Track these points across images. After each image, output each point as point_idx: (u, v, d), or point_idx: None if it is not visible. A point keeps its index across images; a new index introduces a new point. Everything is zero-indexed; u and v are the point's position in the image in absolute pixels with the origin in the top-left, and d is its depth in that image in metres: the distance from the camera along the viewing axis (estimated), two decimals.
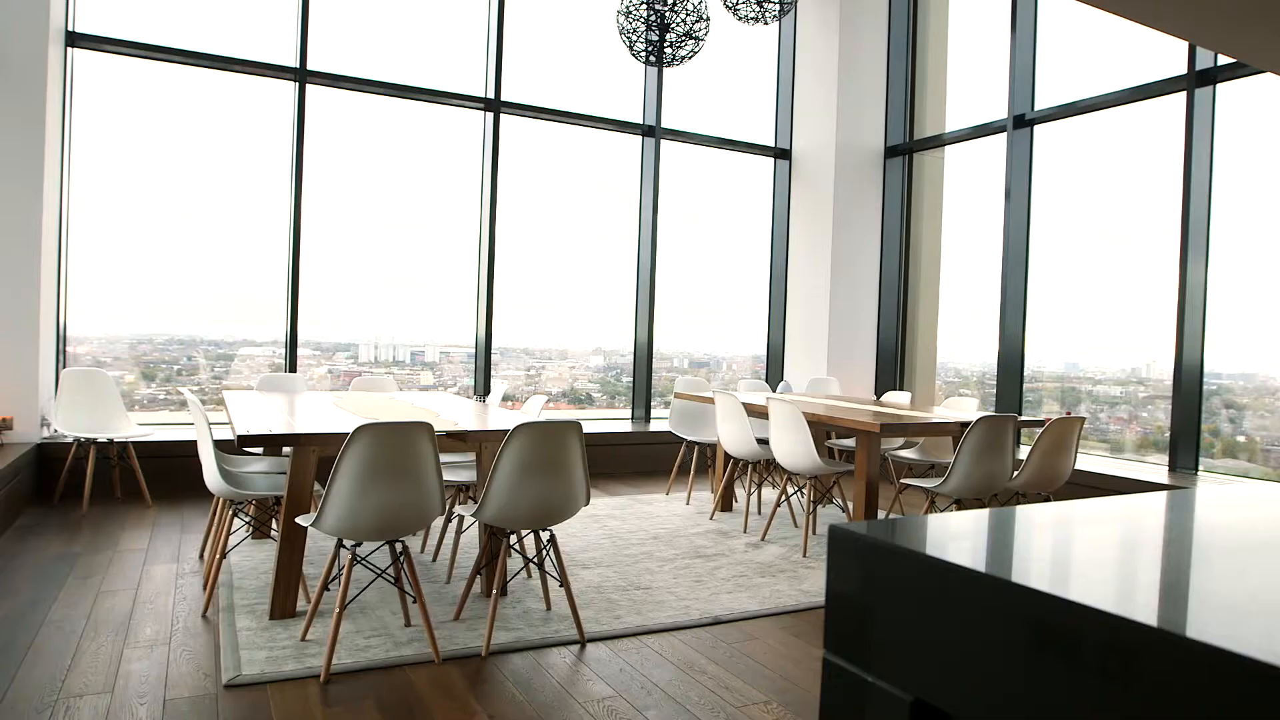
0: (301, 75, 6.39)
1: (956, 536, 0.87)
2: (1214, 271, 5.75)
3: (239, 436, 3.23)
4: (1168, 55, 5.96)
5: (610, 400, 8.03)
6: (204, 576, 3.92)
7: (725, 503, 5.69)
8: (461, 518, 4.20)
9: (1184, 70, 5.87)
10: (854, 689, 0.78)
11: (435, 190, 7.21)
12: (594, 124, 7.62)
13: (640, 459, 7.26)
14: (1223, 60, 5.66)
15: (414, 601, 3.42)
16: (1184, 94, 5.87)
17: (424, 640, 3.22)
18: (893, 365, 8.18)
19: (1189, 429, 5.83)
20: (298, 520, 3.19)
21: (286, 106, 6.45)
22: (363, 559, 3.28)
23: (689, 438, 6.08)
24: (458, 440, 3.56)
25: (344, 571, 3.04)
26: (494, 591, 3.28)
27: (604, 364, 8.10)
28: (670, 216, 8.04)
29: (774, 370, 8.43)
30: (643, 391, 7.83)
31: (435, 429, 3.37)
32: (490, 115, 7.14)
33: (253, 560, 4.17)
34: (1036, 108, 6.93)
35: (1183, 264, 5.84)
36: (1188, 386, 5.82)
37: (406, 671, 3.02)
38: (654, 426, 7.43)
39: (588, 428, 7.20)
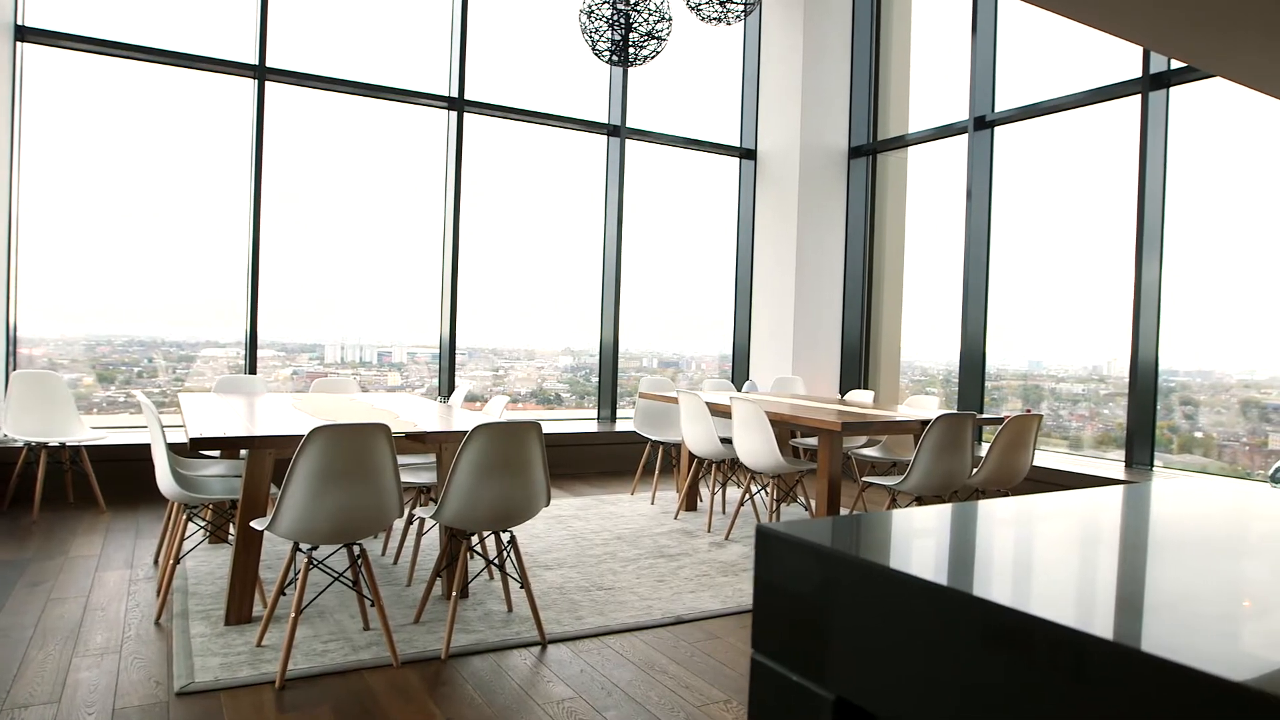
0: (261, 73, 6.30)
1: (875, 534, 0.87)
2: (1170, 271, 5.86)
3: (191, 439, 3.17)
4: (1124, 59, 6.07)
5: (579, 400, 8.02)
6: (158, 582, 3.85)
7: (690, 502, 5.70)
8: (422, 520, 4.17)
9: (1139, 74, 5.98)
10: (780, 688, 0.79)
11: (399, 190, 7.14)
12: (559, 123, 7.59)
13: (606, 459, 7.25)
14: (1175, 64, 5.77)
15: (372, 605, 3.38)
16: (1139, 97, 5.98)
17: (383, 644, 3.19)
18: (857, 364, 8.24)
19: (1144, 426, 5.94)
20: (252, 524, 3.14)
21: (246, 104, 6.36)
22: (320, 562, 3.24)
23: (654, 438, 6.08)
24: (417, 441, 3.53)
25: (300, 575, 3.00)
26: (453, 594, 3.25)
27: (573, 364, 8.09)
28: (637, 217, 8.03)
29: (740, 369, 8.47)
30: (608, 392, 7.82)
31: (393, 430, 3.34)
32: (454, 114, 7.09)
33: (209, 565, 4.10)
34: (997, 109, 7.02)
35: (1137, 263, 5.95)
36: (1143, 384, 5.93)
37: (364, 676, 2.98)
38: (620, 426, 7.42)
39: (554, 428, 7.24)
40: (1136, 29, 3.58)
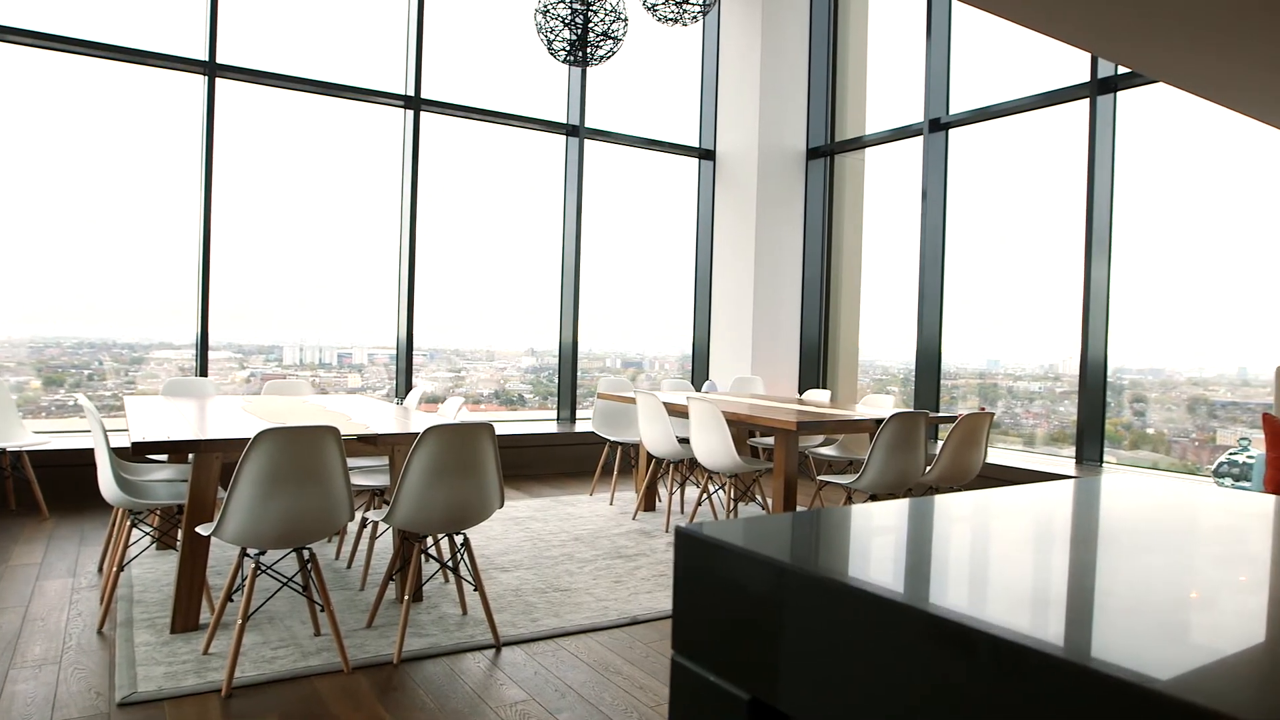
0: (211, 69, 6.18)
1: (787, 534, 0.87)
2: (1120, 271, 5.99)
3: (134, 443, 3.10)
4: (1074, 63, 6.18)
5: (543, 401, 7.99)
6: (101, 590, 3.75)
7: (648, 502, 5.70)
8: (376, 523, 4.12)
9: (1088, 78, 6.10)
10: (697, 689, 0.79)
11: (357, 189, 7.06)
12: (517, 123, 7.56)
13: (565, 460, 7.23)
14: (1123, 70, 5.90)
15: (322, 610, 3.33)
16: (1087, 101, 6.10)
17: (334, 649, 3.14)
18: (816, 363, 8.31)
19: (1094, 423, 6.06)
20: (198, 529, 3.08)
21: (196, 101, 6.24)
22: (268, 568, 3.19)
23: (612, 438, 6.08)
24: (369, 444, 3.49)
25: (247, 581, 2.94)
26: (405, 598, 3.21)
27: (536, 365, 8.05)
28: (597, 217, 8.02)
29: (700, 369, 8.49)
30: (568, 392, 7.79)
31: (344, 432, 3.30)
32: (411, 113, 7.02)
33: (155, 572, 4.01)
34: (951, 112, 7.12)
35: (1087, 264, 6.06)
36: (1092, 382, 6.05)
37: (314, 682, 2.94)
38: (580, 427, 7.40)
39: (515, 429, 7.20)
40: (1080, 34, 3.65)
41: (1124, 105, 5.99)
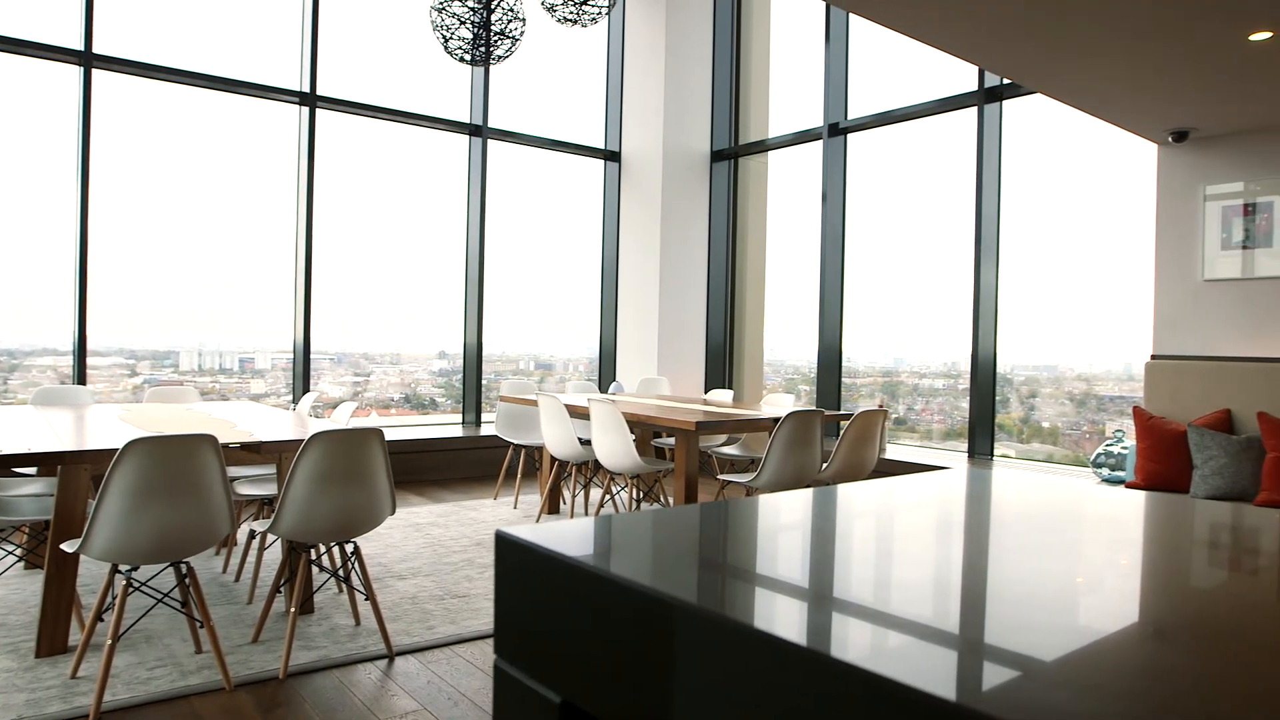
0: (87, 59, 5.87)
1: (591, 537, 0.87)
2: (1014, 272, 6.24)
3: None
4: (966, 72, 6.41)
5: (455, 405, 7.86)
6: None
7: (552, 505, 5.67)
8: (264, 534, 3.97)
9: (976, 86, 6.34)
10: (517, 692, 0.78)
11: (253, 188, 6.80)
12: (418, 122, 7.42)
13: (470, 464, 7.13)
14: (1008, 80, 6.15)
15: (202, 626, 3.20)
16: (975, 109, 6.34)
17: (215, 667, 3.02)
18: (722, 363, 8.41)
19: (985, 418, 6.31)
20: (63, 546, 2.91)
21: (71, 93, 5.92)
22: (143, 584, 3.05)
23: (515, 441, 6.02)
24: (252, 452, 3.36)
25: (118, 599, 2.80)
26: (293, 610, 3.11)
27: (448, 368, 7.92)
28: (504, 218, 7.94)
29: (607, 370, 8.49)
30: (473, 395, 7.69)
31: (227, 440, 3.17)
32: (306, 110, 6.81)
33: (22, 593, 3.78)
34: (850, 117, 7.30)
35: (976, 266, 6.31)
36: (982, 380, 6.29)
37: (192, 702, 2.82)
38: (485, 431, 7.31)
39: (420, 434, 7.05)
40: (963, 47, 3.79)
41: (1009, 113, 6.25)
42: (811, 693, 0.55)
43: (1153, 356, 5.20)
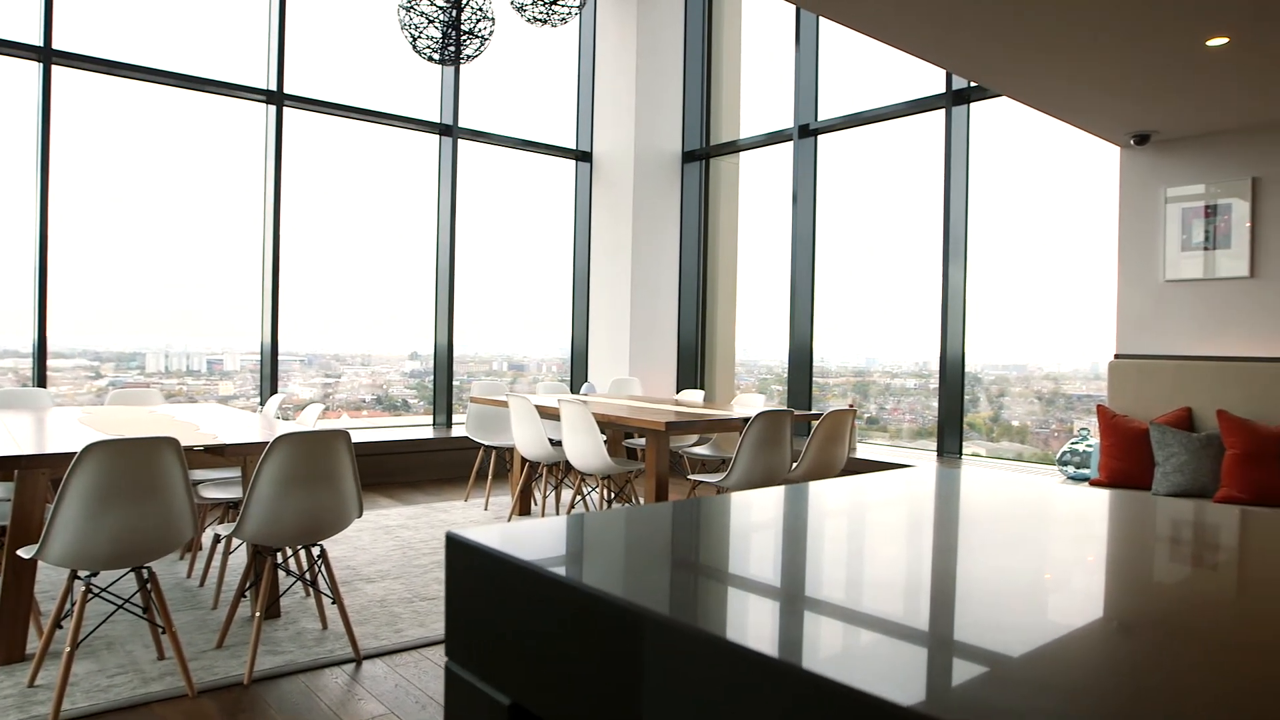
0: (47, 56, 5.76)
1: (539, 539, 0.87)
2: (984, 273, 6.31)
3: None
4: (934, 74, 6.47)
5: (428, 406, 7.80)
6: None
7: (523, 506, 5.65)
8: (230, 538, 3.92)
9: (944, 89, 6.40)
10: (467, 694, 0.78)
11: (220, 188, 6.71)
12: (388, 121, 7.36)
13: (441, 466, 7.09)
14: (974, 83, 6.22)
15: (163, 632, 3.15)
16: (943, 111, 6.40)
17: (178, 673, 2.97)
18: (693, 364, 8.43)
19: (953, 417, 6.37)
20: (19, 552, 2.85)
21: (30, 90, 5.80)
22: (103, 590, 3.00)
23: (486, 442, 5.99)
24: (216, 455, 3.32)
25: (77, 605, 2.75)
26: (258, 614, 3.07)
27: (420, 369, 7.86)
28: (476, 218, 7.90)
29: (579, 371, 8.48)
30: (444, 396, 7.64)
31: (190, 443, 3.13)
32: (273, 108, 6.73)
33: None
34: (820, 118, 7.34)
35: (945, 267, 6.37)
36: (951, 379, 6.35)
37: (154, 709, 2.77)
38: (456, 432, 7.27)
39: (390, 435, 7.00)
40: (928, 49, 3.83)
41: (977, 116, 6.32)
42: (760, 693, 0.55)
43: (1116, 356, 5.28)
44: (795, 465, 4.70)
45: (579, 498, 5.15)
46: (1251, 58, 3.60)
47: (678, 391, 8.25)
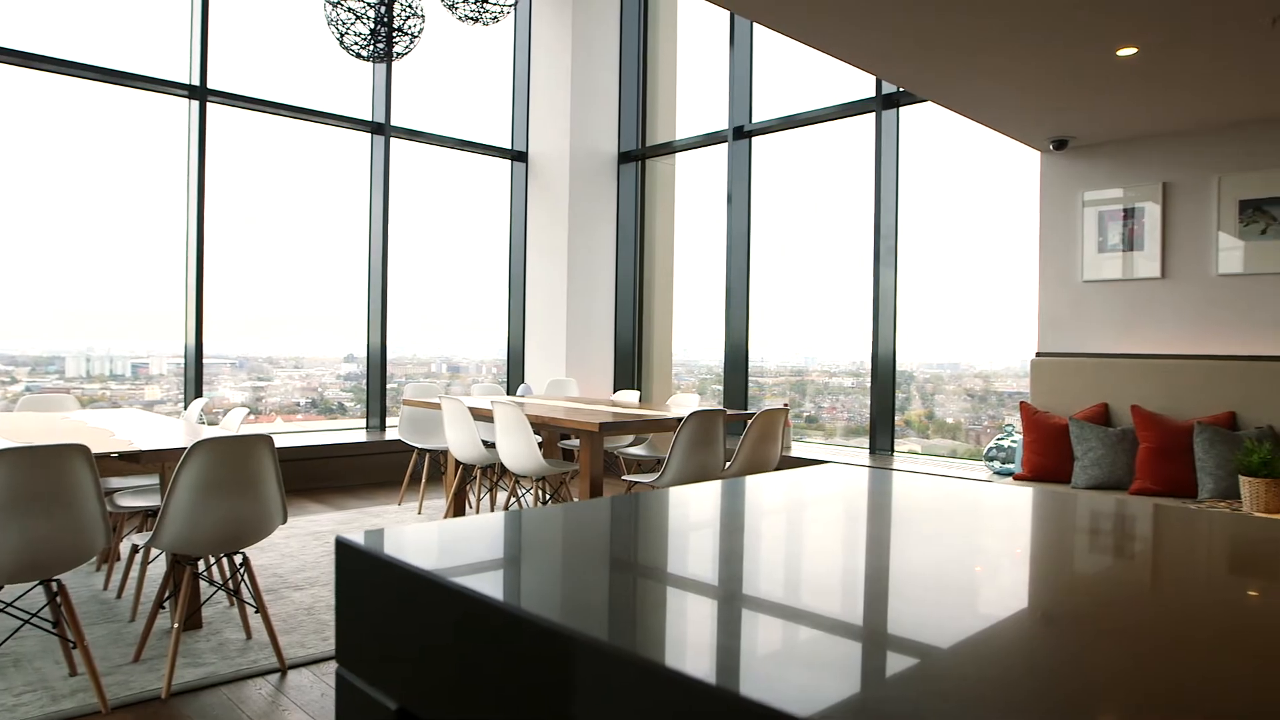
0: None
1: (424, 542, 0.87)
2: (916, 274, 6.44)
3: None
4: (866, 79, 6.58)
5: (365, 409, 7.66)
6: None
7: (457, 508, 5.59)
8: (148, 547, 3.80)
9: (874, 93, 6.52)
10: (355, 699, 0.77)
11: (140, 184, 6.49)
12: (318, 119, 7.21)
13: (374, 469, 6.97)
14: (902, 88, 6.35)
15: (74, 647, 3.04)
16: (874, 114, 6.52)
17: (91, 690, 2.86)
18: (630, 364, 8.44)
19: (885, 415, 6.49)
20: None
21: None
22: (9, 604, 2.88)
23: (420, 445, 5.91)
24: (131, 462, 3.21)
25: None
26: (176, 625, 2.98)
27: (357, 371, 7.71)
28: (412, 218, 7.79)
29: (516, 372, 8.43)
30: (377, 399, 7.52)
31: (103, 450, 3.02)
32: (196, 104, 6.54)
33: None
34: (754, 120, 7.41)
35: (875, 267, 6.49)
36: (882, 378, 6.48)
37: None
38: (390, 435, 7.16)
39: (322, 439, 6.86)
40: (857, 55, 3.90)
41: (906, 120, 6.45)
42: (634, 692, 0.55)
43: (1037, 354, 5.44)
44: (729, 464, 4.74)
45: (513, 500, 5.11)
46: (1159, 68, 3.75)
47: (614, 392, 8.25)
